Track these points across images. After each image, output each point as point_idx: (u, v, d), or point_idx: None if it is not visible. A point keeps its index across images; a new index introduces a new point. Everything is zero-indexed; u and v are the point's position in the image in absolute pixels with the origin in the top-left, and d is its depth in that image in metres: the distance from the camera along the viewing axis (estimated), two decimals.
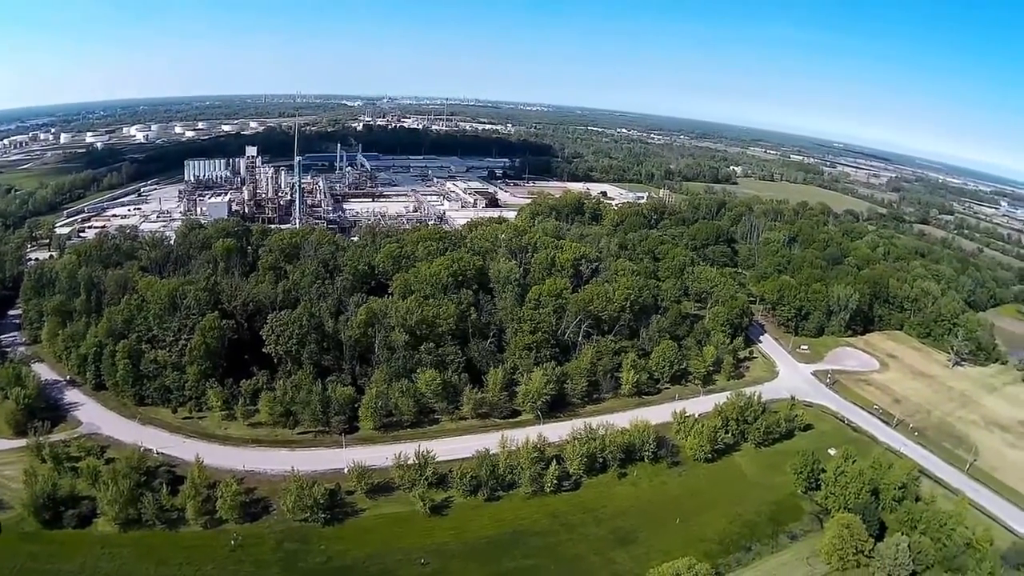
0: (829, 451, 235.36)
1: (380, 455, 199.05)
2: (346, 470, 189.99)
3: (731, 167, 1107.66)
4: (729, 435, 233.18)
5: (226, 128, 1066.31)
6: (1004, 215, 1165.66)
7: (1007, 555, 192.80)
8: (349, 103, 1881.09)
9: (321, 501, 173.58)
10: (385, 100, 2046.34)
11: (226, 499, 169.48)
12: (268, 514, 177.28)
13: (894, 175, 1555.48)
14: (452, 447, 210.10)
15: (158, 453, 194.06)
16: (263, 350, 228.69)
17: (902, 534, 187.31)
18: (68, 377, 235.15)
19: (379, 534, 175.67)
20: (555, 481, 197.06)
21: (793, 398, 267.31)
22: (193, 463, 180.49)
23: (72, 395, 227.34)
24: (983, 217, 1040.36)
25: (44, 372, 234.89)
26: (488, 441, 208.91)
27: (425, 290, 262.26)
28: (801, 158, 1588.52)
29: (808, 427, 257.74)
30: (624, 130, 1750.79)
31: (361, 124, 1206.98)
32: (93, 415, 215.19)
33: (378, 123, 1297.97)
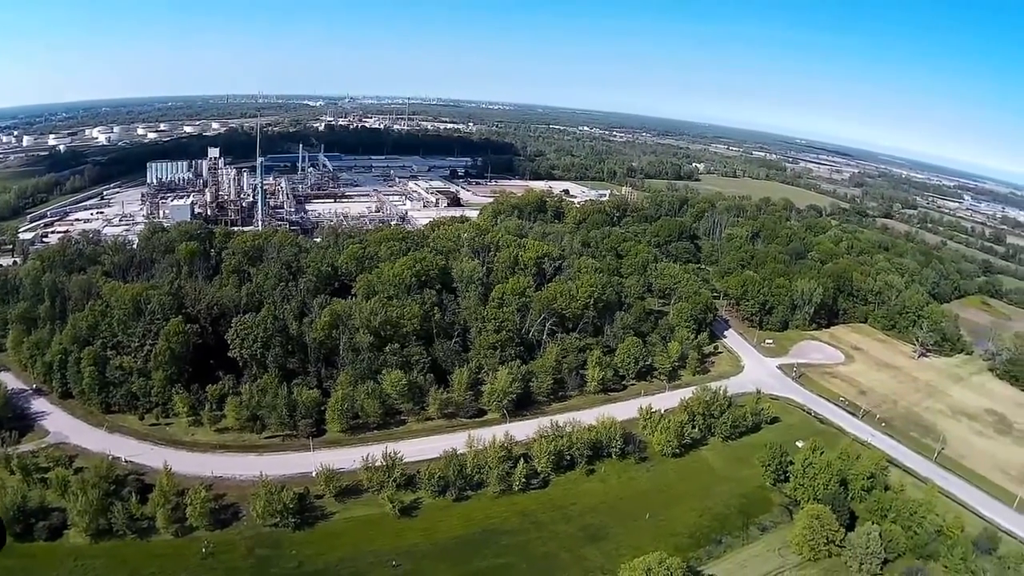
0: (797, 443, 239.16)
1: (348, 458, 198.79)
2: (314, 474, 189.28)
3: (693, 164, 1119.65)
4: (696, 430, 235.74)
5: (188, 129, 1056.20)
6: (967, 209, 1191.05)
7: (978, 541, 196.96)
8: (311, 103, 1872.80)
9: (290, 506, 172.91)
10: (347, 100, 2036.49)
11: (195, 506, 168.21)
12: (238, 520, 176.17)
13: (857, 170, 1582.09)
14: (419, 448, 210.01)
15: (126, 461, 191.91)
16: (228, 354, 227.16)
17: (873, 523, 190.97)
18: (34, 386, 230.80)
19: (350, 537, 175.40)
20: (523, 479, 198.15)
21: (759, 392, 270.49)
22: (161, 471, 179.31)
23: (39, 404, 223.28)
24: (946, 211, 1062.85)
25: (10, 381, 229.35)
26: (455, 441, 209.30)
27: (388, 291, 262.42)
28: (763, 154, 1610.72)
29: (775, 420, 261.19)
30: (586, 128, 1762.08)
31: (323, 124, 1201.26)
32: (61, 424, 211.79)
33: (340, 123, 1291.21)
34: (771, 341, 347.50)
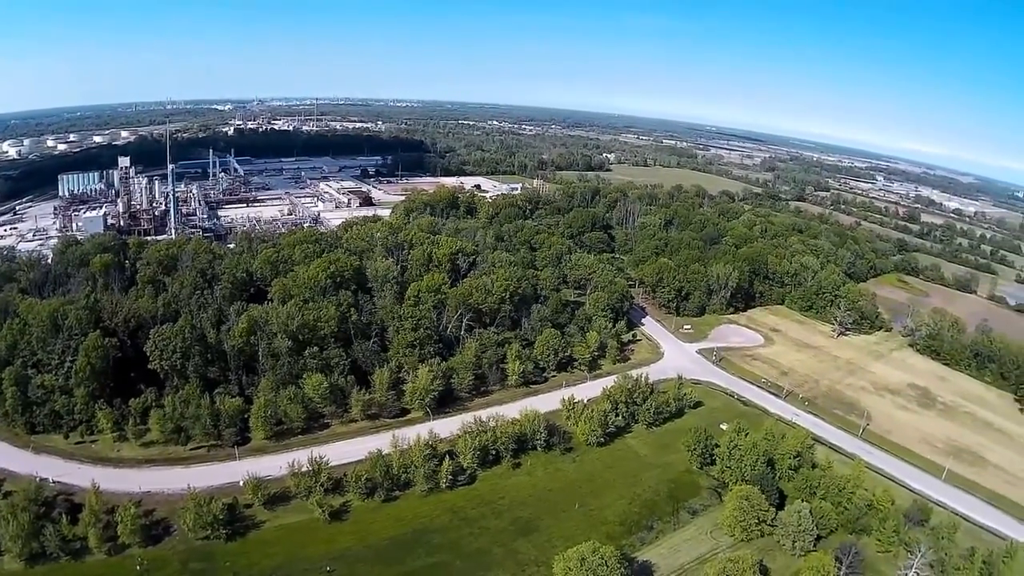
0: (721, 426, 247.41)
1: (274, 464, 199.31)
2: (242, 483, 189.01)
3: (604, 154, 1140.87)
4: (619, 418, 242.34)
5: (98, 139, 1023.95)
6: (881, 189, 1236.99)
7: (909, 512, 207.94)
8: (220, 107, 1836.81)
9: (220, 517, 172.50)
10: (255, 102, 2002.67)
11: (126, 523, 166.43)
12: (170, 535, 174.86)
13: (769, 155, 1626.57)
14: (345, 450, 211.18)
15: (54, 482, 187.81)
16: (148, 366, 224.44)
17: (802, 501, 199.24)
18: None
19: (282, 545, 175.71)
20: (450, 477, 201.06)
21: (680, 377, 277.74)
22: (90, 489, 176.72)
23: None
24: (860, 192, 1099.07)
25: None
26: (380, 441, 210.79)
27: (304, 294, 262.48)
28: (674, 142, 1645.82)
29: (698, 404, 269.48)
30: (496, 122, 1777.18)
31: (232, 128, 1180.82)
32: None
33: (249, 126, 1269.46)
34: (689, 327, 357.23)
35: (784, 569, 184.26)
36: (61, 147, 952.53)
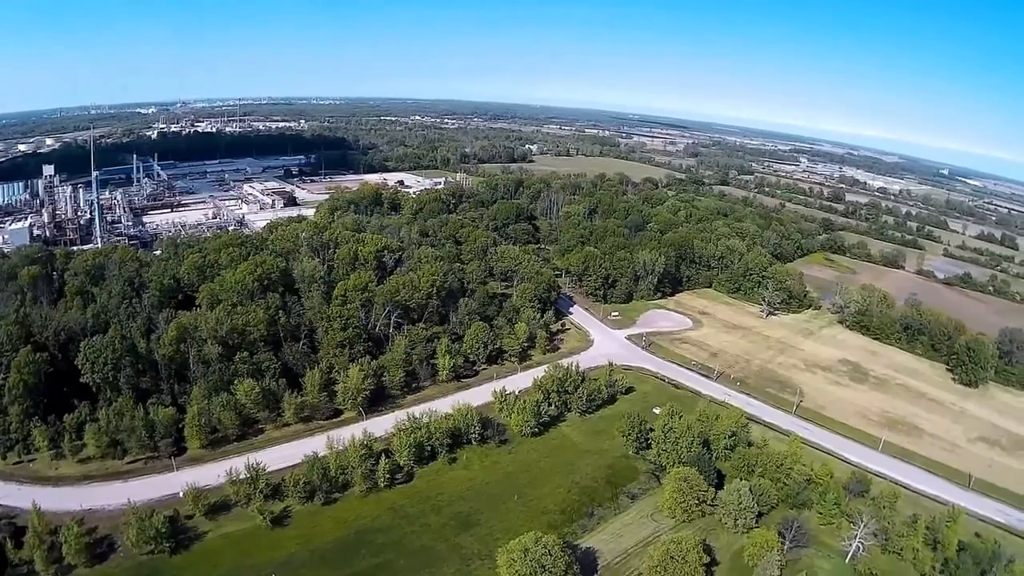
0: (654, 410, 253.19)
1: (212, 473, 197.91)
2: (181, 494, 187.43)
3: (527, 146, 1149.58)
4: (552, 407, 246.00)
5: (22, 147, 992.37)
6: (805, 171, 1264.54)
7: (849, 485, 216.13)
8: (144, 111, 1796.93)
9: (163, 530, 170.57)
10: (179, 105, 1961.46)
11: (70, 543, 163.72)
12: (115, 552, 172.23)
13: (691, 141, 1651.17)
14: (281, 455, 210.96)
15: None
16: (81, 380, 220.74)
17: (741, 479, 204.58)
18: None
19: (227, 555, 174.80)
20: (388, 475, 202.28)
21: (611, 364, 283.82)
22: (31, 510, 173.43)
23: None
24: (784, 174, 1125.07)
25: None
26: (315, 444, 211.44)
27: (232, 298, 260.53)
28: (596, 131, 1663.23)
29: (630, 390, 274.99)
30: (418, 117, 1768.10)
31: (156, 132, 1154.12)
32: None
33: (172, 129, 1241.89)
34: (617, 313, 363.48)
35: (728, 547, 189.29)
36: None
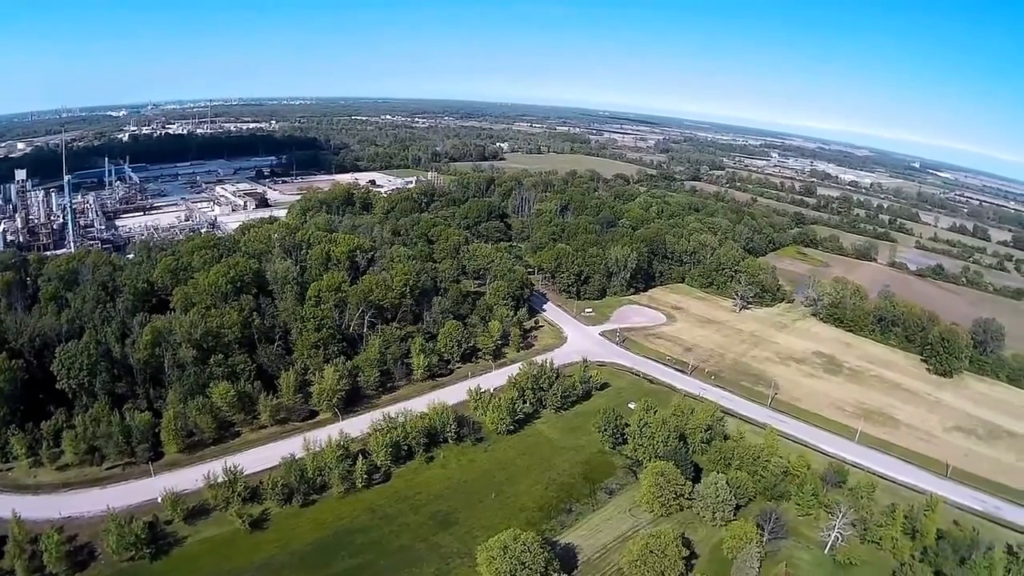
0: (629, 405, 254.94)
1: (190, 477, 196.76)
2: (160, 499, 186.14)
3: (498, 144, 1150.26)
4: (527, 404, 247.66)
5: None
6: (776, 165, 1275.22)
7: (827, 476, 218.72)
8: (115, 113, 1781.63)
9: (142, 536, 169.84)
10: (150, 107, 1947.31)
11: (51, 552, 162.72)
12: (95, 559, 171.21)
13: (662, 137, 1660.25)
14: (258, 457, 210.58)
15: None
16: (56, 386, 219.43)
17: (718, 472, 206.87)
18: None
19: (207, 560, 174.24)
20: (365, 476, 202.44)
21: (585, 360, 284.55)
22: (11, 520, 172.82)
23: None
24: (755, 169, 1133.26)
25: None
26: (292, 446, 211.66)
27: (206, 301, 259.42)
28: (567, 129, 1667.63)
29: (605, 386, 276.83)
30: (389, 116, 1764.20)
31: (127, 134, 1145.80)
32: None
33: (144, 132, 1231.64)
34: (591, 310, 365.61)
35: (707, 540, 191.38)
36: None
